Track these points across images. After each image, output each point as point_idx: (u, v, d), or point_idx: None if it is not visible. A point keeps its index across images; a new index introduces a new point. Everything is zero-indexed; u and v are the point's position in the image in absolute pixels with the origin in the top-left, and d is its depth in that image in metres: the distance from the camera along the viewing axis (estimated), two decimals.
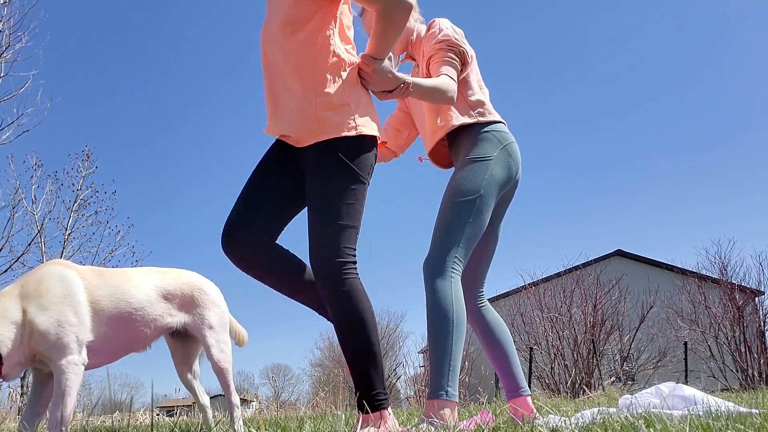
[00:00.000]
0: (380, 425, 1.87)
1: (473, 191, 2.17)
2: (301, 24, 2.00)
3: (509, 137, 2.32)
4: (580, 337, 11.51)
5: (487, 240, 2.39)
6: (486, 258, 2.43)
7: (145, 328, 2.08)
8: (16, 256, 12.82)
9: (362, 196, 1.99)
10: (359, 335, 1.92)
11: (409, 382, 14.09)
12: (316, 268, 1.95)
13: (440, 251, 2.12)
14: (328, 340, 33.94)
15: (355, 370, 1.92)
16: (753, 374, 10.96)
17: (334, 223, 1.93)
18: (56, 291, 1.89)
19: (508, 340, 2.40)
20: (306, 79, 2.01)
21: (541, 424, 1.75)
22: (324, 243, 1.93)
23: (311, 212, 1.98)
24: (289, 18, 2.01)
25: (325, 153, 1.98)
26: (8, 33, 11.18)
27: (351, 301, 1.92)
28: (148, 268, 2.23)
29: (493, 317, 2.41)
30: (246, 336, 2.49)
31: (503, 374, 2.37)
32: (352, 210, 1.96)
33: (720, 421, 1.47)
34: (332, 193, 1.95)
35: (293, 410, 9.89)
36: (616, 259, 19.02)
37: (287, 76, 2.04)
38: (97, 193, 14.61)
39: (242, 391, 39.95)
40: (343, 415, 3.25)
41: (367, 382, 1.90)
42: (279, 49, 2.04)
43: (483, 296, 2.44)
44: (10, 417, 8.82)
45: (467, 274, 2.40)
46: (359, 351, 1.92)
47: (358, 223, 1.98)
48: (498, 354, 2.38)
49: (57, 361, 1.86)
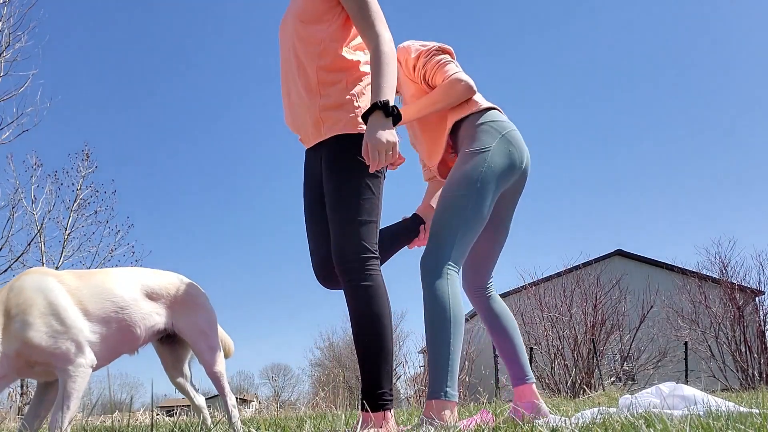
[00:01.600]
0: (381, 426, 1.86)
1: (470, 184, 2.13)
2: (312, 20, 2.04)
3: (507, 125, 2.28)
4: (581, 337, 11.51)
5: (496, 232, 2.38)
6: (495, 250, 2.42)
7: (134, 327, 2.04)
8: (16, 256, 12.84)
9: (378, 189, 2.01)
10: (375, 332, 1.92)
11: (409, 382, 14.08)
12: (339, 265, 1.95)
13: (437, 247, 2.09)
14: (328, 340, 34.01)
15: (365, 365, 1.92)
16: (753, 374, 10.96)
17: (354, 220, 1.94)
18: (38, 303, 1.85)
19: (515, 328, 2.43)
20: (309, 77, 2.05)
21: (541, 424, 1.75)
22: (345, 240, 1.94)
23: (330, 210, 1.99)
24: (301, 12, 2.06)
25: (338, 150, 2.00)
26: (8, 33, 11.20)
27: (372, 297, 1.93)
28: (130, 268, 2.19)
29: (500, 306, 2.44)
30: (233, 347, 2.46)
31: (509, 362, 2.40)
32: (369, 204, 1.97)
33: (720, 421, 1.47)
34: (348, 189, 1.96)
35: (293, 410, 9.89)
36: (616, 259, 19.01)
37: (296, 71, 2.09)
38: (96, 192, 14.64)
39: (242, 391, 39.97)
40: (343, 415, 3.25)
41: (375, 380, 1.90)
42: (291, 43, 2.10)
43: (492, 287, 2.46)
44: (10, 417, 8.82)
45: (474, 266, 2.41)
46: (372, 347, 1.92)
47: (377, 217, 1.99)
48: (504, 342, 2.41)
49: (62, 367, 1.84)
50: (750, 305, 11.96)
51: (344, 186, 1.97)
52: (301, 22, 2.05)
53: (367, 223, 1.95)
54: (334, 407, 9.04)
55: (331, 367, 30.91)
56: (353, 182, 1.97)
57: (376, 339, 1.92)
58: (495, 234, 2.39)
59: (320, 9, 2.05)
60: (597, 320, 11.85)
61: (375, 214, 1.98)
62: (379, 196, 2.01)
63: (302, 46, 2.06)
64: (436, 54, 2.33)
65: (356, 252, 1.92)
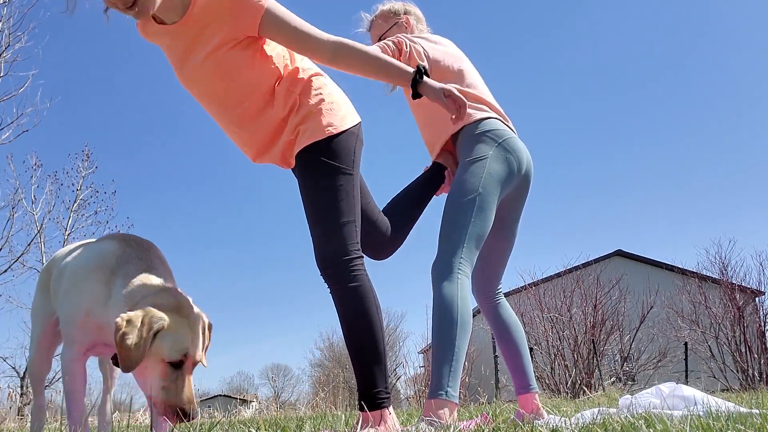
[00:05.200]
0: (380, 424, 1.86)
1: (472, 190, 2.18)
2: (237, 67, 1.95)
3: (505, 133, 2.31)
4: (581, 337, 11.50)
5: (503, 238, 2.43)
6: (503, 255, 2.47)
7: None
8: (16, 256, 12.85)
9: (351, 187, 2.00)
10: (365, 333, 1.92)
11: (409, 382, 14.08)
12: (324, 269, 1.94)
13: (446, 253, 2.13)
14: (328, 341, 33.96)
15: (359, 366, 1.92)
16: (753, 374, 10.95)
17: (334, 223, 1.94)
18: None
19: (521, 337, 2.47)
20: (257, 108, 2.01)
21: (541, 424, 1.75)
22: (327, 244, 1.93)
23: (309, 218, 1.99)
24: (224, 72, 1.95)
25: (306, 160, 1.99)
26: (8, 33, 11.21)
27: (359, 298, 1.92)
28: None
29: (508, 314, 2.47)
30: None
31: (514, 370, 2.44)
32: (345, 205, 1.96)
33: (720, 422, 1.47)
34: (323, 195, 1.96)
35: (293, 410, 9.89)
36: (616, 259, 19.01)
37: (238, 109, 2.02)
38: (97, 193, 14.66)
39: (242, 392, 39.98)
40: (343, 415, 3.25)
41: (370, 380, 1.90)
42: (219, 87, 1.99)
43: (500, 293, 2.50)
44: (10, 417, 8.81)
45: (483, 272, 2.45)
46: (363, 348, 1.92)
47: (355, 216, 1.98)
48: (510, 350, 2.44)
49: None
50: (750, 305, 11.94)
51: (319, 192, 1.96)
52: (227, 75, 1.95)
53: (346, 224, 1.94)
54: (334, 407, 9.04)
55: (331, 367, 30.87)
56: (327, 186, 1.96)
57: (368, 339, 1.92)
58: (502, 239, 2.44)
59: (244, 58, 1.94)
60: (597, 320, 11.84)
61: (352, 214, 1.97)
62: (352, 194, 1.99)
63: (237, 84, 1.98)
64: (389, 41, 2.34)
65: (340, 254, 1.92)
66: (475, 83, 2.41)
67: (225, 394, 39.17)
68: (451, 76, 2.35)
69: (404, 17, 2.57)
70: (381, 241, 2.34)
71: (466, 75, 2.40)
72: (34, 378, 2.27)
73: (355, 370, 1.94)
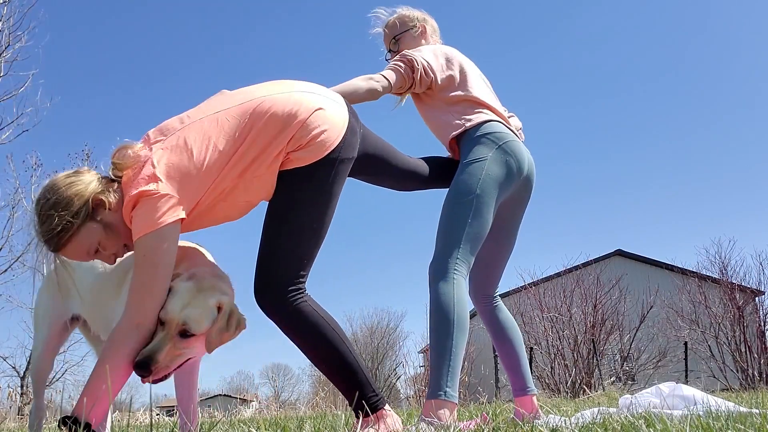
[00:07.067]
0: (379, 425, 1.86)
1: (469, 192, 2.18)
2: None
3: (505, 136, 2.31)
4: (580, 337, 11.52)
5: (502, 240, 2.44)
6: (501, 260, 2.48)
7: None
8: (16, 256, 12.83)
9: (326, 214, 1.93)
10: (327, 351, 1.87)
11: (409, 382, 14.10)
12: (263, 298, 1.91)
13: (442, 254, 2.14)
14: None
15: (339, 384, 1.91)
16: (753, 374, 10.96)
17: (293, 252, 1.90)
18: None
19: (519, 339, 2.47)
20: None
21: (541, 424, 1.75)
22: (272, 270, 1.89)
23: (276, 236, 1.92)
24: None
25: (292, 182, 1.90)
26: (8, 33, 11.22)
27: (305, 320, 1.86)
28: None
29: (505, 317, 2.48)
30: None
31: (511, 372, 2.44)
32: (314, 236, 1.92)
33: (720, 421, 1.47)
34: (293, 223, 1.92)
35: (293, 410, 9.90)
36: (616, 259, 19.00)
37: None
38: None
39: (242, 391, 39.98)
40: (343, 415, 3.25)
41: (356, 391, 1.86)
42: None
43: (497, 297, 2.50)
44: (10, 417, 8.81)
45: (481, 274, 2.44)
46: (332, 367, 1.89)
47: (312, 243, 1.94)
48: (508, 352, 2.45)
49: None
50: (750, 305, 11.96)
51: (291, 219, 1.89)
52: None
53: (305, 252, 1.90)
54: (334, 407, 9.04)
55: None
56: (301, 215, 1.88)
57: (332, 358, 1.87)
58: (501, 243, 2.44)
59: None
60: (597, 320, 11.86)
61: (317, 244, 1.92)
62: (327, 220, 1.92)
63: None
64: (399, 60, 2.39)
65: (282, 284, 1.86)
66: (477, 87, 2.42)
67: (225, 393, 39.19)
68: (453, 81, 2.38)
69: (421, 26, 2.61)
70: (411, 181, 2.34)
71: (468, 79, 2.41)
72: (36, 378, 2.27)
73: (337, 387, 1.93)
